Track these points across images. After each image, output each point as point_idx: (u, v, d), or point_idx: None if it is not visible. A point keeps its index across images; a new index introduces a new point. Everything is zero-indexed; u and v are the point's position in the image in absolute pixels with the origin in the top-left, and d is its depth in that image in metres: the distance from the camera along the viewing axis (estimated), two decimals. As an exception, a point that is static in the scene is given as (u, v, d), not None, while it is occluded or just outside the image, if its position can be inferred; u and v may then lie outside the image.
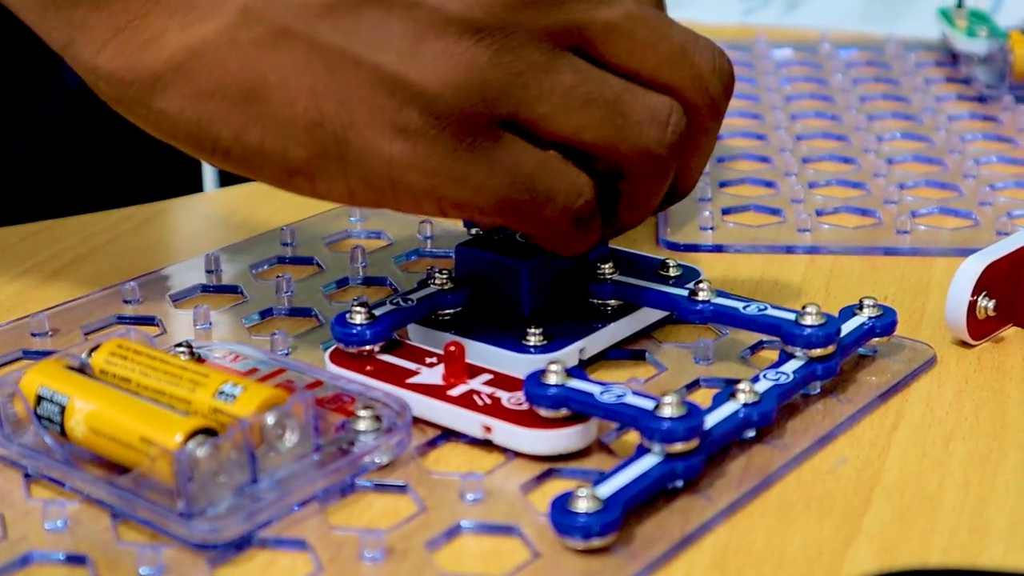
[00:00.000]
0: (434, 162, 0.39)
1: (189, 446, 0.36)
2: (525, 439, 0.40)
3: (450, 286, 0.46)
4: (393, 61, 0.39)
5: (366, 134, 0.39)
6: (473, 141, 0.39)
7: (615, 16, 0.41)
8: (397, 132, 0.39)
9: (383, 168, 0.39)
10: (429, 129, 0.39)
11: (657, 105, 0.41)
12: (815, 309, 0.43)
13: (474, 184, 0.40)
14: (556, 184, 0.41)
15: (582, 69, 0.40)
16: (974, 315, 0.46)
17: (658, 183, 0.43)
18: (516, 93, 0.40)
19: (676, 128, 0.42)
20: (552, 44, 0.40)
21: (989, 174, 0.62)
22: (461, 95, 0.39)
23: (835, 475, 0.40)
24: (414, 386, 0.42)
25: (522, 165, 0.40)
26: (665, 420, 0.38)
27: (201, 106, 0.40)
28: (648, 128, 0.41)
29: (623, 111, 0.41)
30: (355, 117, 0.39)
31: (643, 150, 0.41)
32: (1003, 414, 0.43)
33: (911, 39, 0.82)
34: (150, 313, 0.49)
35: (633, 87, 0.41)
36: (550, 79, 0.40)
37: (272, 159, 0.40)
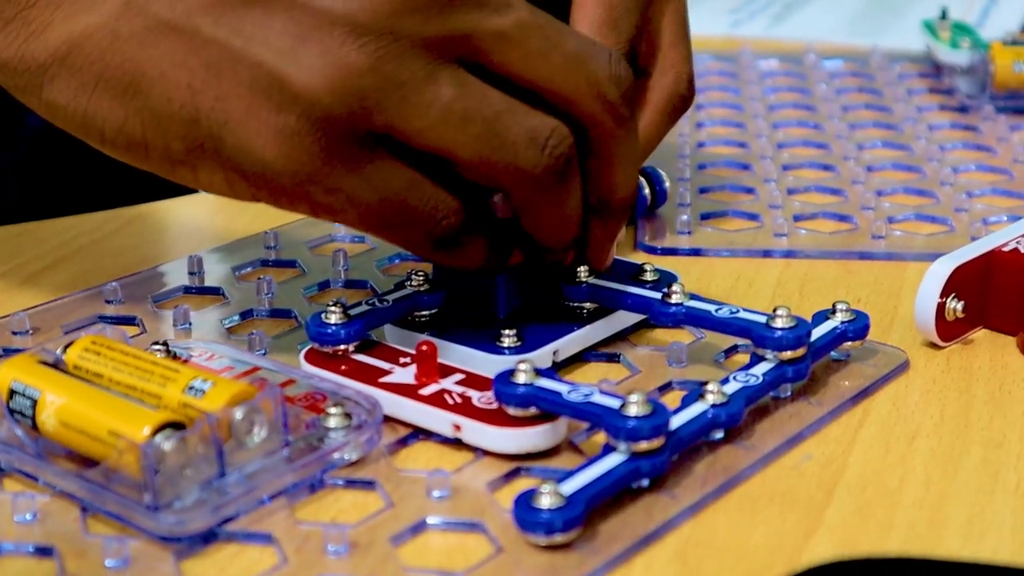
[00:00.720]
0: (308, 168, 0.39)
1: (156, 439, 0.36)
2: (493, 437, 0.40)
3: (426, 288, 0.46)
4: (273, 59, 0.38)
5: (240, 133, 0.39)
6: (347, 150, 0.39)
7: (506, 25, 0.40)
8: (273, 133, 0.39)
9: (257, 167, 0.39)
10: (304, 134, 0.39)
11: (537, 126, 0.40)
12: (786, 312, 0.43)
13: (344, 195, 0.40)
14: (421, 206, 0.40)
15: (464, 83, 0.40)
16: (943, 317, 0.47)
17: (547, 204, 0.42)
18: (393, 105, 0.39)
19: (555, 150, 0.40)
20: (437, 54, 0.39)
21: (967, 182, 0.62)
22: (338, 100, 0.38)
23: (799, 471, 0.40)
24: (386, 385, 0.42)
25: (391, 183, 0.40)
26: (631, 419, 0.38)
27: (85, 97, 0.40)
28: (524, 149, 0.40)
29: (500, 131, 0.40)
30: (231, 115, 0.39)
31: (519, 170, 0.40)
32: (967, 413, 0.43)
33: (896, 51, 0.82)
34: (131, 313, 0.50)
35: (516, 106, 0.40)
36: (429, 92, 0.39)
37: (154, 151, 0.40)
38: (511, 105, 0.40)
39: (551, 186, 0.41)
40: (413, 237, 0.41)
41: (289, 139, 0.39)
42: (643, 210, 0.58)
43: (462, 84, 0.40)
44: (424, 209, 0.41)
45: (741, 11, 0.94)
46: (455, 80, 0.40)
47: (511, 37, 0.40)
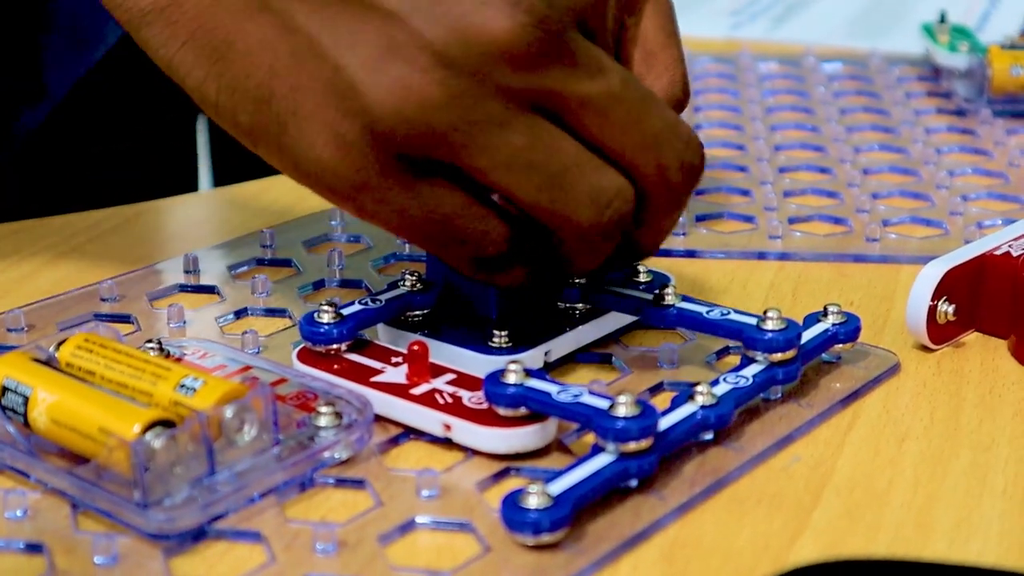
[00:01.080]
0: (360, 177, 0.39)
1: (146, 437, 0.36)
2: (483, 437, 0.40)
3: (419, 287, 0.46)
4: (354, 66, 0.39)
5: (304, 127, 0.39)
6: (402, 169, 0.39)
7: (594, 92, 0.39)
8: (333, 136, 0.39)
9: (312, 164, 0.40)
10: (364, 146, 0.39)
11: (603, 186, 0.40)
12: (776, 314, 0.43)
13: (393, 208, 0.40)
14: (471, 230, 0.41)
15: (537, 133, 0.39)
16: (934, 320, 0.47)
17: (589, 255, 0.42)
18: (459, 142, 0.39)
19: (615, 212, 0.41)
20: (518, 103, 0.39)
21: (963, 185, 0.62)
22: (404, 126, 0.38)
23: (788, 472, 0.40)
24: (377, 384, 0.42)
25: (442, 204, 0.40)
26: (619, 419, 0.38)
27: (173, 49, 0.41)
28: (585, 207, 0.40)
29: (564, 184, 0.40)
30: (300, 107, 0.39)
31: (574, 225, 0.41)
32: (957, 416, 0.43)
33: (895, 54, 0.82)
34: (127, 311, 0.50)
35: (585, 161, 0.40)
36: (500, 136, 0.39)
37: (223, 115, 0.41)
38: (580, 159, 0.40)
39: (599, 241, 0.41)
40: (457, 256, 0.42)
41: (347, 146, 0.39)
42: (638, 212, 0.58)
43: (535, 134, 0.39)
44: (471, 233, 0.41)
45: (742, 13, 0.94)
46: (529, 128, 0.39)
47: (597, 106, 0.40)
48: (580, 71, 0.39)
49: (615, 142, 0.40)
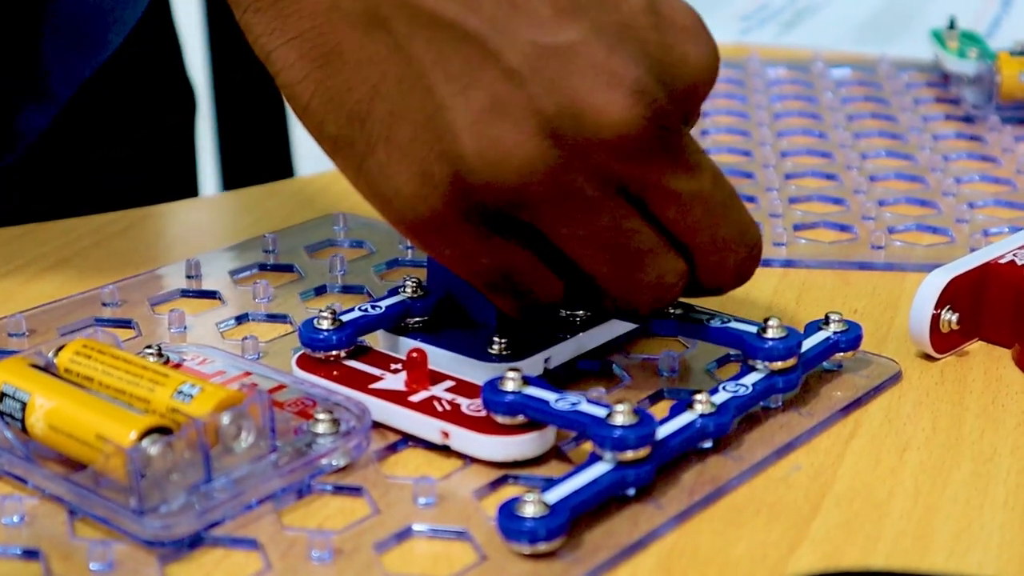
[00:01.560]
0: (436, 218, 0.39)
1: (143, 444, 0.36)
2: (481, 445, 0.40)
3: (419, 294, 0.46)
4: (460, 111, 0.38)
5: (393, 155, 0.39)
6: (479, 219, 0.39)
7: (686, 189, 0.40)
8: (420, 172, 0.38)
9: (391, 192, 0.39)
10: (448, 189, 0.38)
11: (668, 270, 0.41)
12: (776, 323, 0.43)
13: (462, 252, 0.40)
14: (531, 285, 0.41)
15: (622, 216, 0.39)
16: (938, 328, 0.47)
17: (626, 318, 0.44)
18: (548, 210, 0.39)
19: (672, 295, 0.42)
20: (614, 185, 0.39)
21: (970, 192, 0.62)
22: (495, 184, 0.38)
23: (787, 482, 0.40)
24: (376, 391, 0.42)
25: (509, 257, 0.40)
26: (616, 428, 0.38)
27: (277, 42, 0.40)
28: (650, 290, 0.41)
29: (635, 266, 0.40)
30: (393, 135, 0.38)
31: (631, 301, 0.42)
32: (960, 426, 0.43)
33: (905, 60, 0.82)
34: (128, 316, 0.50)
35: (658, 248, 0.40)
36: (587, 213, 0.39)
37: (310, 118, 0.40)
38: (654, 245, 0.41)
39: (645, 310, 0.43)
40: (508, 304, 0.42)
41: (431, 186, 0.38)
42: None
43: (620, 216, 0.39)
44: (533, 288, 0.41)
45: (752, 18, 0.94)
46: (615, 211, 0.39)
47: (684, 202, 0.40)
48: (680, 168, 0.39)
49: (687, 237, 0.41)
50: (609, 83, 0.37)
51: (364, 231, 0.57)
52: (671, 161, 0.39)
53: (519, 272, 0.41)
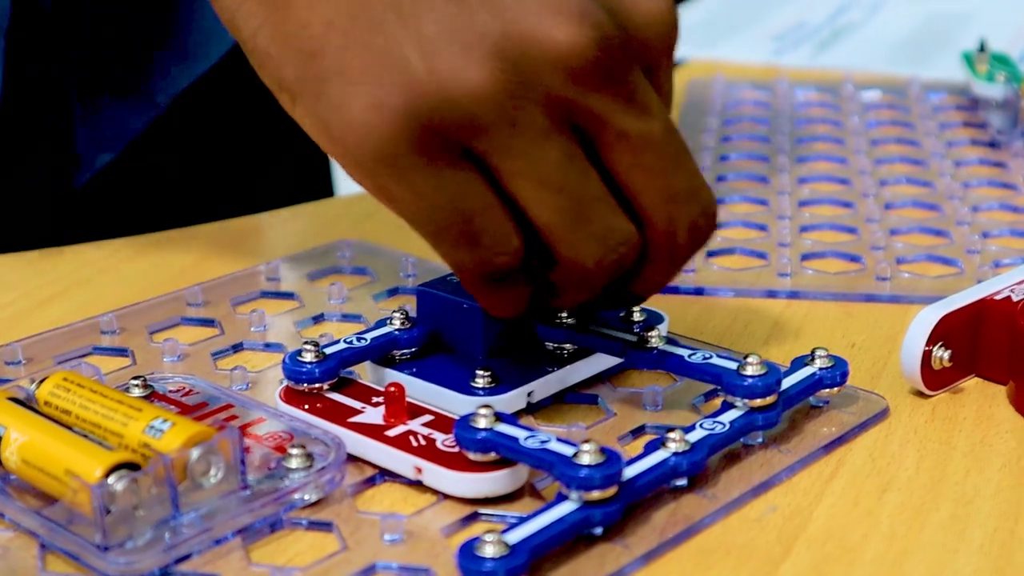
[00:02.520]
0: (388, 148, 0.39)
1: (109, 480, 0.37)
2: (452, 482, 0.40)
3: (407, 326, 0.46)
4: (412, 41, 0.38)
5: (345, 88, 0.39)
6: (434, 148, 0.39)
7: (635, 130, 0.39)
8: (371, 101, 0.38)
9: (343, 128, 0.39)
10: (400, 117, 0.38)
11: (616, 228, 0.40)
12: (756, 359, 0.43)
13: (414, 190, 0.39)
14: (488, 232, 0.40)
15: (573, 156, 0.39)
16: (929, 365, 0.46)
17: (578, 291, 0.42)
18: (498, 139, 0.39)
19: (620, 257, 0.41)
20: (563, 116, 0.39)
21: (986, 221, 0.61)
22: (448, 107, 0.38)
23: (761, 523, 0.40)
24: (354, 425, 0.43)
25: (465, 196, 0.39)
26: (582, 468, 0.38)
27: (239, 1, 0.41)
28: (595, 244, 0.40)
29: (583, 216, 0.40)
30: (347, 68, 0.39)
31: (579, 257, 0.41)
32: (944, 466, 0.43)
33: (937, 82, 0.81)
34: (126, 345, 0.50)
35: (608, 200, 0.40)
36: (538, 145, 0.39)
37: (269, 67, 0.41)
38: (604, 196, 0.40)
39: (594, 277, 0.41)
40: (465, 260, 0.41)
41: (384, 114, 0.38)
42: (648, 247, 0.58)
43: (570, 155, 0.39)
44: (486, 236, 0.40)
45: (785, 37, 0.93)
46: (565, 147, 0.39)
47: (633, 145, 0.40)
48: (629, 105, 0.39)
49: (638, 187, 0.40)
50: (557, 8, 0.38)
51: (368, 259, 0.57)
52: (620, 96, 0.39)
53: (475, 214, 0.40)
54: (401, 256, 0.57)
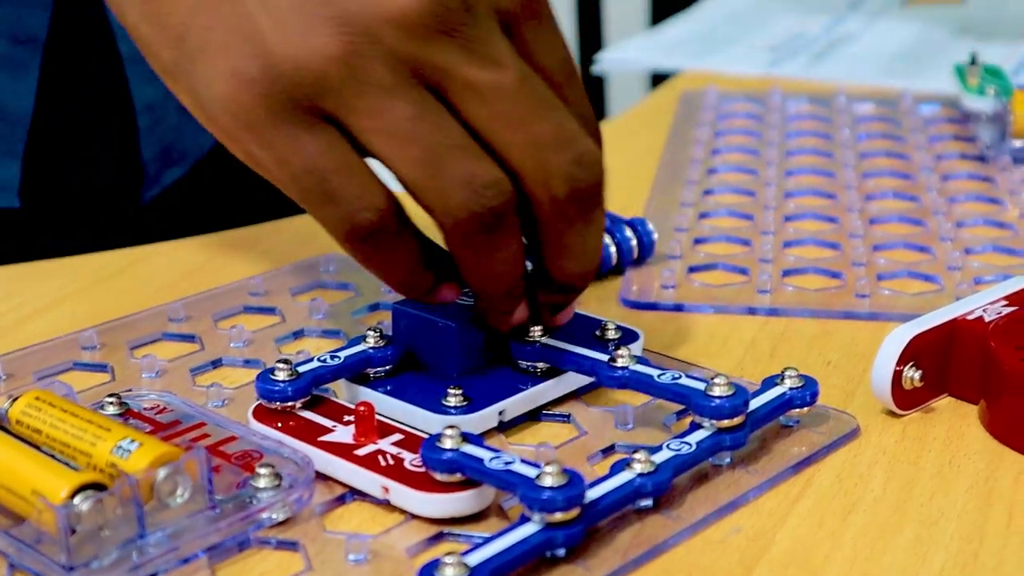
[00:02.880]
0: (250, 117, 0.41)
1: (74, 500, 0.37)
2: (418, 502, 0.41)
3: (381, 344, 0.47)
4: (264, 13, 0.41)
5: (209, 64, 0.41)
6: (292, 114, 0.41)
7: (481, 80, 0.41)
8: (232, 73, 0.41)
9: (210, 100, 0.42)
10: (257, 86, 0.41)
11: (478, 171, 0.41)
12: (723, 380, 0.43)
13: (276, 155, 0.41)
14: (346, 188, 0.41)
15: (424, 108, 0.41)
16: (900, 385, 0.46)
17: (474, 251, 0.43)
18: (348, 99, 0.40)
19: (486, 200, 0.41)
20: (409, 72, 0.41)
21: (969, 237, 0.62)
22: (300, 72, 0.40)
23: (725, 544, 0.40)
24: (324, 444, 0.43)
25: (323, 158, 0.41)
26: (545, 490, 0.38)
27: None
28: (456, 188, 0.41)
29: (438, 162, 0.41)
30: (209, 45, 0.41)
31: (446, 208, 0.41)
32: (910, 487, 0.43)
33: (930, 94, 0.81)
34: (106, 360, 0.51)
35: (468, 146, 0.41)
36: (386, 102, 0.40)
37: (151, 55, 0.43)
38: (463, 143, 0.41)
39: (475, 234, 0.42)
40: (328, 218, 0.42)
41: (242, 85, 0.41)
42: (628, 261, 0.58)
43: (421, 107, 0.41)
44: (345, 194, 0.42)
45: (782, 48, 0.93)
46: (416, 101, 0.41)
47: (482, 95, 0.41)
48: (473, 56, 0.41)
49: (497, 137, 0.41)
50: None
51: (352, 273, 0.58)
52: (463, 48, 0.41)
53: (332, 173, 0.41)
54: (384, 271, 0.57)
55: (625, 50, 0.96)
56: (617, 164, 0.73)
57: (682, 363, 0.50)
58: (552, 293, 0.45)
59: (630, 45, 0.97)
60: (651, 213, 0.64)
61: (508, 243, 0.43)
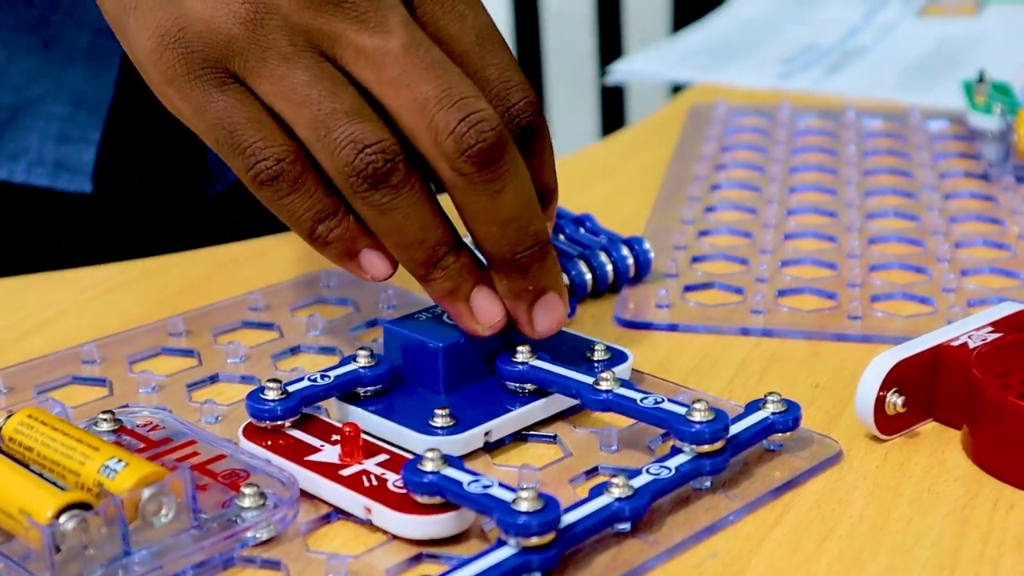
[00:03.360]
0: (170, 72, 0.45)
1: (60, 520, 0.38)
2: (399, 523, 0.41)
3: (371, 363, 0.48)
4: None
5: (139, 19, 0.46)
6: (204, 73, 0.45)
7: (368, 45, 0.44)
8: (156, 31, 0.45)
9: (139, 52, 0.46)
10: (176, 46, 0.45)
11: (364, 133, 0.44)
12: (704, 405, 0.44)
13: (192, 107, 0.45)
14: (254, 139, 0.45)
15: (319, 74, 0.44)
16: (883, 410, 0.47)
17: (370, 210, 0.45)
18: (252, 62, 0.45)
19: (371, 159, 0.44)
20: (304, 39, 0.44)
21: (967, 258, 0.62)
22: (210, 35, 0.45)
23: (701, 569, 0.41)
24: (310, 463, 0.44)
25: (231, 113, 0.45)
26: (521, 514, 0.39)
27: None
28: (343, 150, 0.44)
29: (329, 124, 0.44)
30: (140, 4, 0.46)
31: (336, 167, 0.44)
32: (888, 514, 0.43)
33: (940, 110, 0.82)
34: (105, 375, 0.52)
35: (356, 110, 0.44)
36: (285, 67, 0.44)
37: (100, 3, 0.48)
38: (352, 108, 0.44)
39: (366, 192, 0.45)
40: (238, 167, 0.46)
41: (162, 44, 0.45)
42: (625, 279, 0.58)
43: (317, 73, 0.44)
44: (248, 145, 0.45)
45: (795, 60, 0.94)
46: (311, 67, 0.44)
47: (370, 58, 0.44)
48: (360, 23, 0.44)
49: (387, 99, 0.44)
50: None
51: (351, 289, 0.59)
52: (354, 17, 0.44)
53: (238, 127, 0.45)
54: (383, 287, 0.58)
55: (637, 62, 0.96)
56: (623, 178, 0.74)
57: (670, 384, 0.50)
58: (499, 273, 0.47)
59: (642, 57, 0.97)
60: (652, 229, 0.65)
61: (403, 202, 0.45)
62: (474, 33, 0.46)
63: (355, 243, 0.47)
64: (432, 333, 0.48)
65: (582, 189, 0.71)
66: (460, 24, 0.46)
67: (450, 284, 0.46)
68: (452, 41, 0.46)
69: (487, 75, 0.46)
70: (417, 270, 0.47)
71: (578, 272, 0.57)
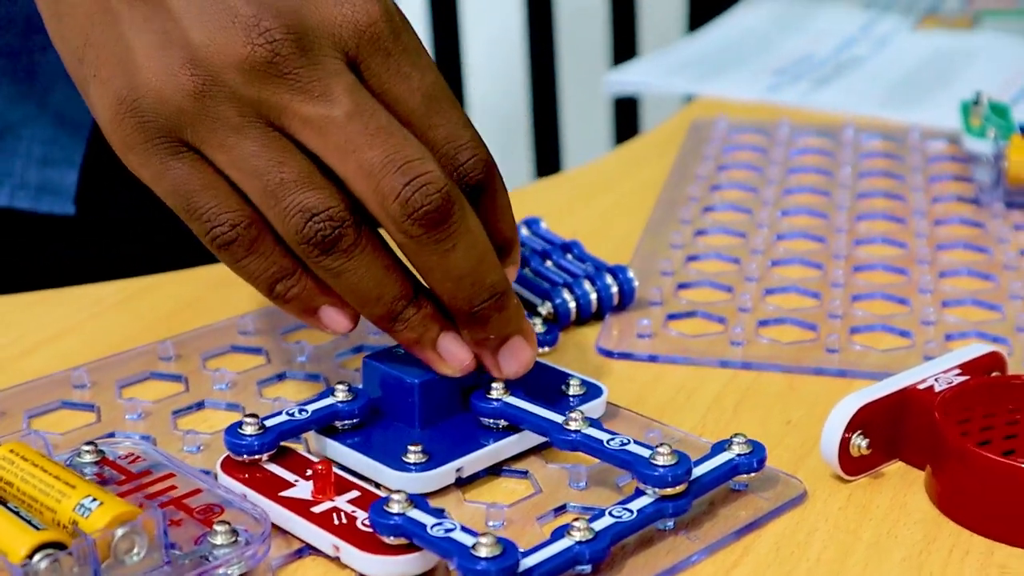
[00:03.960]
0: (128, 141, 0.47)
1: (34, 559, 0.39)
2: (365, 563, 0.43)
3: (349, 397, 0.49)
4: (139, 49, 0.46)
5: (98, 89, 0.47)
6: (158, 142, 0.46)
7: (314, 115, 0.45)
8: (114, 101, 0.46)
9: (101, 120, 0.47)
10: (129, 117, 0.46)
11: (312, 202, 0.45)
12: (667, 449, 0.45)
13: (151, 173, 0.47)
14: (209, 205, 0.46)
15: (268, 144, 0.46)
16: (847, 452, 0.48)
17: (324, 272, 0.47)
18: (204, 133, 0.46)
19: (319, 227, 0.45)
20: (252, 111, 0.46)
21: (949, 289, 0.62)
22: (160, 107, 0.46)
23: (657, 614, 0.42)
24: (283, 499, 0.45)
25: (187, 180, 0.47)
26: (480, 560, 0.40)
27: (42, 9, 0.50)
28: (293, 218, 0.46)
29: (280, 194, 0.46)
30: (99, 72, 0.47)
31: (287, 234, 0.46)
32: (845, 558, 0.44)
33: (939, 131, 0.82)
34: (94, 400, 0.53)
35: (304, 178, 0.46)
36: (234, 138, 0.46)
37: (66, 63, 0.49)
38: (301, 176, 0.46)
39: (318, 257, 0.46)
40: (197, 231, 0.47)
41: (120, 112, 0.46)
42: (609, 308, 0.59)
43: (265, 143, 0.46)
44: (204, 211, 0.47)
45: (785, 73, 0.94)
46: (259, 138, 0.46)
47: (316, 127, 0.46)
48: (304, 93, 0.45)
49: (336, 166, 0.46)
50: (232, 21, 0.45)
51: (340, 314, 0.60)
52: (297, 88, 0.45)
53: (194, 195, 0.46)
54: (371, 312, 0.59)
55: (632, 73, 0.96)
56: (621, 195, 0.74)
57: (643, 419, 0.51)
58: (461, 325, 0.48)
59: (638, 67, 0.98)
60: (641, 254, 0.66)
61: (355, 264, 0.46)
62: (420, 94, 0.47)
63: (313, 300, 0.48)
64: (409, 368, 0.49)
65: (583, 205, 0.72)
66: (407, 85, 0.47)
67: (414, 335, 0.47)
68: (399, 103, 0.47)
69: (435, 135, 0.47)
70: (379, 323, 0.48)
71: (562, 301, 0.58)
